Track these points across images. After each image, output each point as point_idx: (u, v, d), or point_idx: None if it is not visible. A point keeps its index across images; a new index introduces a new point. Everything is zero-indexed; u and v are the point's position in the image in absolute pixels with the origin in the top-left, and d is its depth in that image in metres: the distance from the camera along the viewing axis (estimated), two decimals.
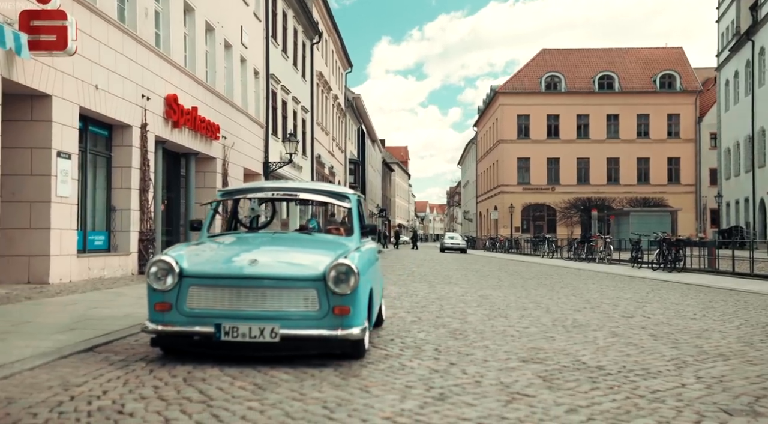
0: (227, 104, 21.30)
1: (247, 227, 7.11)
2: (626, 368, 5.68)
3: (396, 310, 9.82)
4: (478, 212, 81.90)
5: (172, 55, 17.01)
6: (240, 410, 3.96)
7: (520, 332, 7.74)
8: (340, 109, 47.06)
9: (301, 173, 32.49)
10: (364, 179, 61.18)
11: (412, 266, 25.61)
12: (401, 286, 14.79)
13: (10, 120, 11.85)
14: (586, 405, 4.36)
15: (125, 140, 14.86)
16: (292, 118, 30.88)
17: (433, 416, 3.96)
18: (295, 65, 31.79)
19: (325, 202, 6.87)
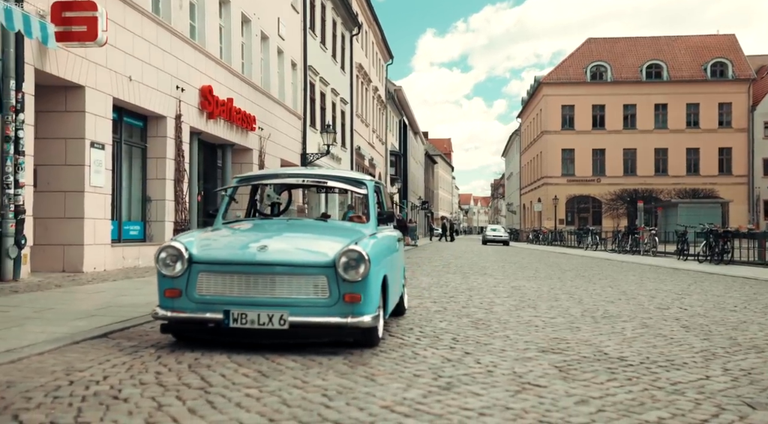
0: (263, 96, 21.35)
1: (263, 213, 7.04)
2: (650, 359, 5.45)
3: (423, 300, 9.68)
4: (522, 204, 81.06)
5: (207, 47, 17.08)
6: (236, 397, 3.87)
7: (545, 322, 7.53)
8: (380, 101, 46.93)
9: (340, 165, 32.49)
10: (405, 171, 61.03)
11: (450, 257, 25.41)
12: (434, 277, 14.62)
13: (45, 111, 12.04)
14: (599, 396, 4.17)
15: (160, 131, 14.97)
16: (330, 110, 30.87)
17: (434, 406, 3.82)
18: (333, 57, 31.75)
19: (341, 189, 6.75)
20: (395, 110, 56.50)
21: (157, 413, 3.50)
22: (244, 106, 19.35)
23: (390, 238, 6.62)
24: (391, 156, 51.57)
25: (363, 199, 6.55)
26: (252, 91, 20.25)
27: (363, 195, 6.54)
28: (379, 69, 47.09)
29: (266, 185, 6.89)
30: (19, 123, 10.13)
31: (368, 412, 3.65)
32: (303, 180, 6.70)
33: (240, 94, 19.12)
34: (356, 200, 24.86)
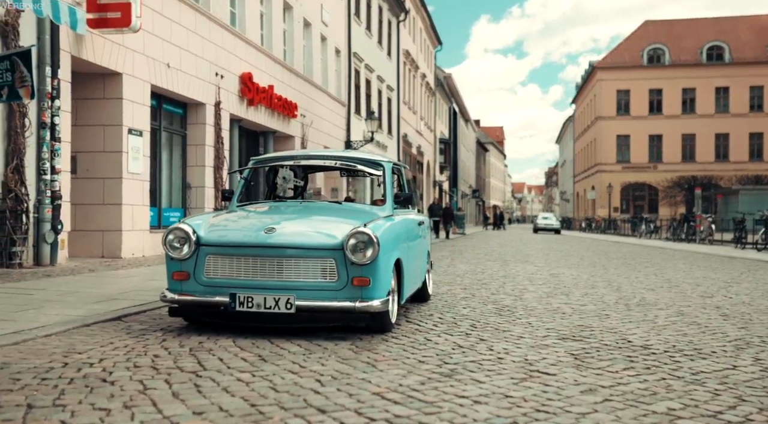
0: (306, 82, 21.31)
1: (279, 196, 6.94)
2: (676, 347, 5.18)
3: (453, 286, 9.49)
4: (575, 192, 79.71)
5: (247, 34, 17.08)
6: (226, 381, 3.77)
7: (575, 309, 7.27)
8: (429, 88, 46.56)
9: (386, 152, 32.32)
10: (455, 159, 60.56)
11: (496, 246, 25.07)
12: (472, 264, 14.38)
13: (84, 98, 12.19)
14: (609, 385, 3.95)
15: (199, 118, 15.04)
16: (376, 97, 30.71)
17: (429, 393, 3.65)
18: (379, 43, 31.55)
19: (357, 171, 6.59)
20: (444, 97, 56.01)
21: (139, 397, 3.42)
22: (286, 93, 19.33)
23: (408, 221, 6.45)
24: (440, 144, 51.18)
25: (380, 181, 6.38)
26: (294, 78, 20.21)
27: (379, 177, 6.37)
28: (427, 55, 46.68)
29: (282, 167, 6.78)
30: (55, 109, 10.26)
31: (357, 398, 3.51)
32: (320, 162, 6.57)
33: (281, 81, 19.10)
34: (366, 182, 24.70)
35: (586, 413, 3.38)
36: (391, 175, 6.39)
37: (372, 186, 28.83)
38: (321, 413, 3.23)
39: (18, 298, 6.66)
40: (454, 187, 60.58)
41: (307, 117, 21.03)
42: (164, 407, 3.24)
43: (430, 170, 47.32)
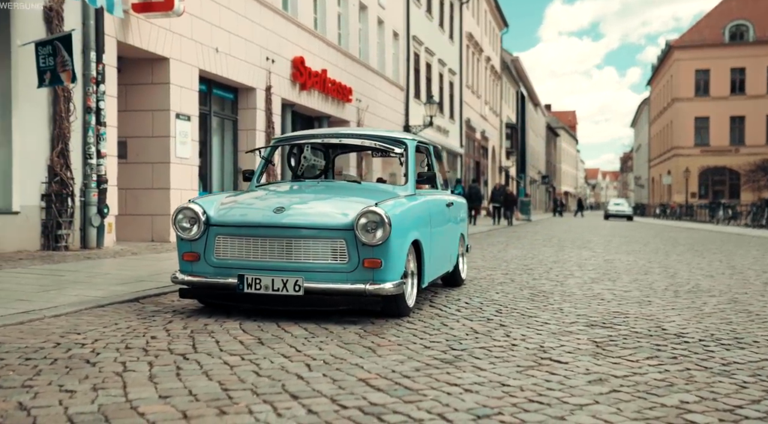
0: (361, 67, 21.11)
1: (300, 176, 6.76)
2: (714, 336, 4.78)
3: (495, 271, 9.17)
4: (650, 177, 77.30)
5: (299, 17, 16.98)
6: (211, 365, 3.61)
7: (616, 295, 6.88)
8: (494, 71, 45.75)
9: (448, 138, 31.92)
10: (523, 144, 59.51)
11: (560, 232, 24.44)
12: (527, 250, 13.97)
13: (133, 83, 12.31)
14: (623, 375, 3.63)
15: (250, 103, 15.04)
16: (437, 81, 30.29)
17: (419, 380, 3.41)
18: (441, 26, 31.09)
19: (377, 149, 6.34)
20: (511, 81, 55.00)
21: (113, 379, 3.29)
22: (340, 77, 19.19)
23: (433, 202, 6.18)
24: (506, 129, 50.30)
25: (402, 159, 6.12)
26: (348, 62, 20.04)
27: (400, 155, 6.12)
28: (492, 38, 45.85)
29: (304, 147, 6.59)
30: (100, 94, 10.35)
31: (339, 385, 3.30)
32: (339, 140, 6.35)
33: (335, 65, 18.96)
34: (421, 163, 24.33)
35: (584, 405, 3.09)
36: (413, 153, 6.13)
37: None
38: (293, 399, 3.04)
39: (47, 279, 6.70)
40: (522, 173, 59.55)
41: (362, 102, 20.85)
42: (132, 390, 3.10)
43: (496, 155, 46.60)
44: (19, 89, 9.23)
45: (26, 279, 6.61)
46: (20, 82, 9.24)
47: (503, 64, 50.06)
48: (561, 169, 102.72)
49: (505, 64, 51.00)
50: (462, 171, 34.88)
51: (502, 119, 49.28)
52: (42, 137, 9.62)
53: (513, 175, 54.89)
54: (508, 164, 50.94)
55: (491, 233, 21.44)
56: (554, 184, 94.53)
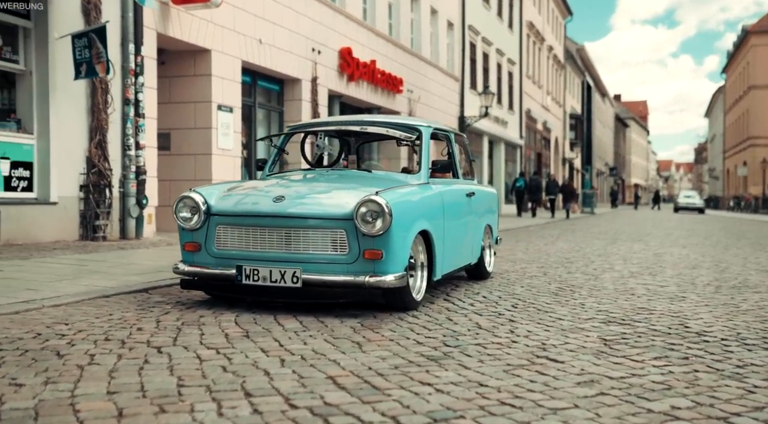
0: (413, 57, 20.84)
1: (313, 164, 6.60)
2: (739, 336, 4.42)
3: (531, 264, 8.85)
4: (725, 168, 74.55)
5: (347, 8, 16.83)
6: (181, 359, 3.48)
7: (650, 291, 6.51)
8: (557, 61, 44.74)
9: (507, 129, 31.35)
10: (589, 135, 58.15)
11: (622, 225, 23.72)
12: (577, 243, 13.52)
13: (176, 76, 12.39)
14: (619, 377, 3.35)
15: (295, 94, 14.98)
16: (495, 71, 29.74)
17: (392, 379, 3.21)
18: (499, 15, 30.51)
19: (391, 136, 6.12)
20: (576, 71, 53.74)
21: (71, 372, 3.18)
22: (390, 67, 18.97)
23: (449, 191, 5.92)
24: (570, 119, 49.18)
25: (416, 147, 5.89)
26: (399, 52, 19.80)
27: (412, 142, 5.88)
28: (555, 27, 44.83)
29: (317, 135, 6.42)
30: (138, 86, 10.42)
31: (303, 382, 3.12)
32: (351, 127, 6.15)
33: (385, 56, 18.75)
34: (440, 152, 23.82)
35: (560, 409, 2.83)
36: (428, 141, 5.88)
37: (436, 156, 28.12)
38: (245, 397, 2.87)
39: (68, 268, 6.73)
40: (588, 165, 58.21)
41: (414, 92, 20.59)
42: (83, 385, 2.98)
43: (559, 147, 45.63)
44: (57, 81, 9.35)
45: (47, 268, 6.65)
46: (58, 74, 9.36)
47: (567, 54, 48.93)
48: (630, 160, 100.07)
49: (569, 53, 49.84)
50: (522, 163, 34.25)
51: (565, 110, 48.21)
52: (80, 129, 9.74)
53: (577, 167, 53.69)
54: (572, 156, 49.81)
55: (546, 226, 20.93)
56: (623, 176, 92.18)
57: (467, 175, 7.28)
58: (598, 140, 65.21)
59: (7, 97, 9.53)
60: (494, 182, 30.77)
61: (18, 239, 8.78)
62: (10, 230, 8.68)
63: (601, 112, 69.79)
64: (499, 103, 30.38)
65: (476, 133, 27.37)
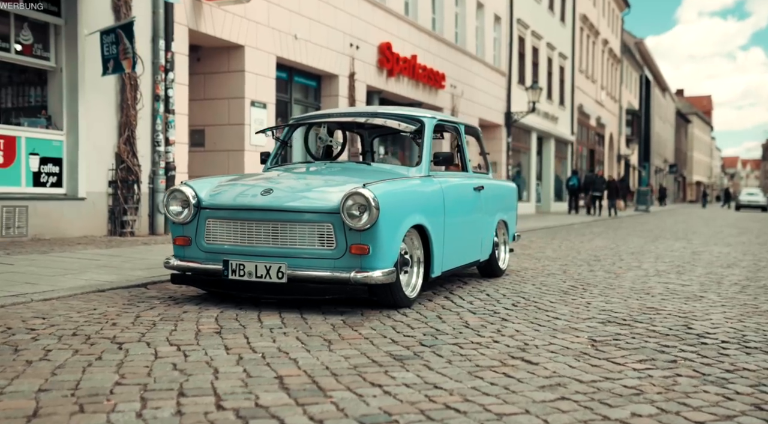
0: (457, 51, 20.56)
1: (315, 157, 6.48)
2: (744, 338, 4.15)
3: (553, 262, 8.58)
4: None
5: (387, 3, 16.69)
6: (135, 356, 3.39)
7: (668, 290, 6.21)
8: (612, 55, 43.69)
9: (557, 125, 30.73)
10: (647, 131, 56.70)
11: (672, 223, 22.99)
12: (615, 241, 13.11)
13: (211, 72, 12.48)
14: (589, 381, 3.14)
15: (333, 90, 14.92)
16: (545, 66, 29.17)
17: (343, 379, 3.07)
18: (550, 9, 29.91)
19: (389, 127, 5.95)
20: (634, 65, 52.40)
21: (14, 369, 3.12)
22: (432, 62, 18.75)
23: (452, 184, 5.72)
24: (626, 115, 47.99)
25: (417, 138, 5.72)
26: (442, 46, 19.55)
27: (413, 134, 5.70)
28: (612, 20, 43.78)
29: (319, 127, 6.29)
30: (168, 82, 10.50)
31: (245, 382, 3.00)
32: (351, 119, 6.01)
33: (427, 51, 18.54)
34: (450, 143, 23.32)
35: (506, 415, 2.65)
36: (431, 133, 5.69)
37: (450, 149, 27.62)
38: (177, 397, 2.76)
39: (79, 263, 6.77)
40: (646, 162, 56.77)
41: (457, 88, 20.32)
42: (17, 382, 2.90)
43: (614, 143, 44.58)
44: (86, 78, 9.47)
45: (59, 263, 6.70)
46: (87, 71, 9.48)
47: (624, 48, 47.75)
48: (692, 157, 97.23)
49: (626, 47, 48.64)
50: (573, 159, 33.55)
51: (621, 105, 47.07)
52: (110, 125, 9.85)
53: (634, 164, 52.39)
54: (628, 152, 48.60)
55: (592, 224, 20.42)
56: (684, 173, 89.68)
57: (481, 169, 7.07)
58: (657, 136, 63.54)
59: (40, 94, 9.71)
60: (543, 179, 30.22)
61: (46, 234, 8.93)
62: (38, 225, 8.83)
63: (661, 107, 67.97)
64: (549, 98, 29.80)
65: (524, 129, 26.92)
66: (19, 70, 9.71)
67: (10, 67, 9.61)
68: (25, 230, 8.66)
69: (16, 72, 9.77)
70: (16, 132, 8.92)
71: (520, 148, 27.21)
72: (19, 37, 9.07)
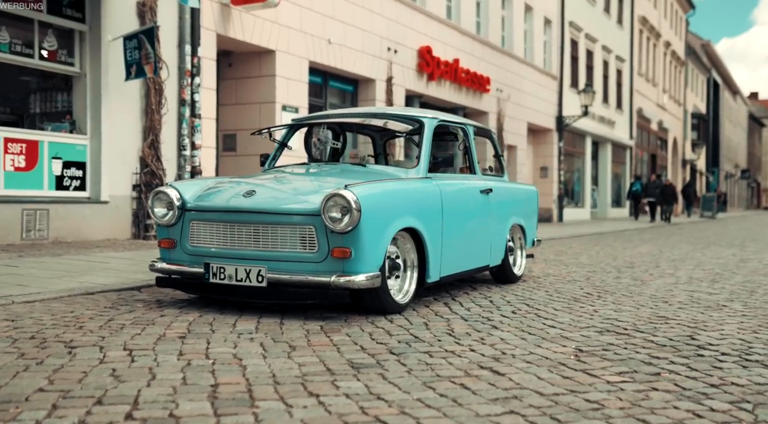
0: (503, 55, 20.15)
1: (315, 158, 6.28)
2: (748, 351, 3.80)
3: (581, 268, 8.19)
4: None
5: (427, 6, 16.46)
6: (78, 361, 3.26)
7: (692, 298, 5.81)
8: (675, 57, 42.40)
9: (614, 129, 29.91)
10: (715, 136, 54.84)
11: (736, 229, 22.04)
12: (662, 248, 12.56)
13: (242, 77, 12.47)
14: (551, 394, 2.88)
15: (369, 94, 14.75)
16: (600, 69, 28.42)
17: (282, 389, 2.86)
18: (606, 11, 29.16)
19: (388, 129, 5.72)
20: (700, 68, 50.78)
21: None
22: (476, 66, 18.41)
23: (452, 186, 5.46)
24: (692, 119, 46.48)
25: (416, 139, 5.47)
26: (487, 50, 19.18)
27: (411, 134, 5.46)
28: (675, 22, 42.50)
29: (320, 128, 6.10)
30: (195, 87, 10.50)
31: (175, 390, 2.82)
32: (347, 119, 5.80)
33: (470, 54, 18.21)
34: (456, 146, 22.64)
35: None
36: (430, 133, 5.43)
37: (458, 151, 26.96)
38: (92, 405, 2.60)
39: (84, 265, 6.73)
40: (714, 167, 54.91)
41: (503, 92, 19.91)
42: None
43: (678, 148, 43.20)
44: (109, 83, 9.52)
45: (65, 265, 6.68)
46: (111, 75, 9.53)
47: (689, 50, 46.31)
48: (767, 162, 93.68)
49: (691, 49, 47.16)
50: (632, 164, 32.61)
51: (686, 109, 45.63)
52: (134, 129, 9.89)
53: (701, 170, 50.69)
54: (694, 157, 47.06)
55: (646, 230, 19.71)
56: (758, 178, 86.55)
57: (496, 172, 6.77)
58: (726, 141, 61.43)
59: (66, 100, 9.81)
60: (599, 184, 29.44)
61: (67, 237, 8.99)
62: (59, 228, 8.89)
63: (732, 111, 65.70)
64: (606, 102, 29.05)
65: (578, 134, 26.27)
66: (47, 76, 9.84)
67: (39, 73, 9.74)
68: (46, 232, 8.73)
69: (45, 78, 9.90)
70: (39, 136, 9.02)
71: (574, 153, 26.56)
72: (44, 43, 9.18)
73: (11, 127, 9.12)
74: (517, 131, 20.98)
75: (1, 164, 8.65)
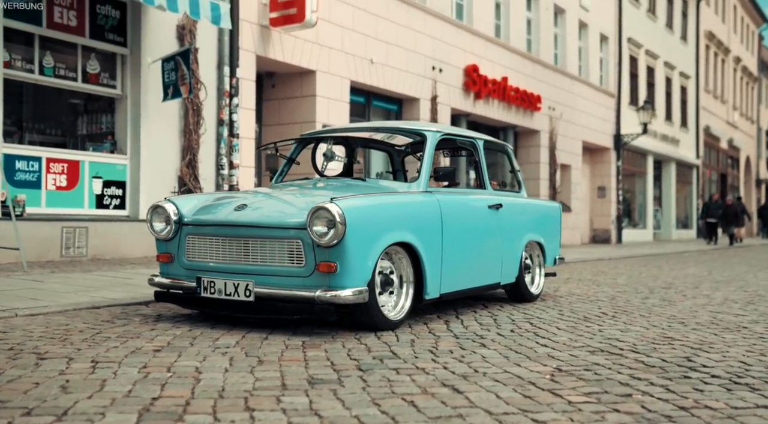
0: (555, 72, 19.84)
1: (322, 173, 6.25)
2: (743, 374, 3.56)
3: (609, 288, 7.91)
4: None
5: (474, 25, 16.38)
6: (40, 373, 3.29)
7: (714, 320, 5.53)
8: (747, 72, 41.02)
9: (678, 147, 29.05)
10: None
11: None
12: (715, 269, 12.08)
13: (284, 98, 12.64)
14: (503, 413, 2.75)
15: (414, 114, 14.72)
16: (663, 86, 27.69)
17: (222, 403, 2.81)
18: (668, 26, 28.45)
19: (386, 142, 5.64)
20: None
21: None
22: (526, 84, 18.17)
23: (454, 201, 5.34)
24: (766, 137, 44.80)
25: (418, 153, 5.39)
26: (538, 68, 18.92)
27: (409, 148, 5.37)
28: (745, 36, 41.17)
29: (326, 143, 6.07)
30: (233, 107, 10.67)
31: (114, 402, 2.80)
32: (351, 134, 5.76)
33: (519, 72, 17.98)
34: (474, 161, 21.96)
35: None
36: (433, 147, 5.34)
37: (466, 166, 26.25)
38: (22, 415, 2.60)
39: (106, 280, 6.85)
40: None
41: (556, 110, 19.59)
42: None
43: (751, 167, 41.67)
44: (149, 104, 9.76)
45: (89, 281, 6.81)
46: (150, 97, 9.77)
47: (762, 65, 44.76)
48: None
49: (765, 64, 45.58)
50: (699, 184, 31.57)
51: (760, 126, 44.03)
52: (173, 149, 10.09)
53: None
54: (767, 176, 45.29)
55: (706, 253, 18.98)
56: None
57: (513, 187, 6.61)
58: None
59: (110, 121, 10.10)
60: (663, 204, 28.57)
61: (106, 255, 9.20)
62: (98, 246, 9.11)
63: None
64: (669, 119, 28.27)
65: (639, 153, 25.60)
66: (93, 99, 10.15)
67: (86, 96, 10.05)
68: (85, 250, 8.96)
69: (90, 100, 10.22)
70: (80, 156, 9.30)
71: (634, 173, 25.89)
72: (87, 67, 9.49)
73: (56, 147, 9.44)
74: (571, 150, 20.59)
75: (44, 184, 8.95)
